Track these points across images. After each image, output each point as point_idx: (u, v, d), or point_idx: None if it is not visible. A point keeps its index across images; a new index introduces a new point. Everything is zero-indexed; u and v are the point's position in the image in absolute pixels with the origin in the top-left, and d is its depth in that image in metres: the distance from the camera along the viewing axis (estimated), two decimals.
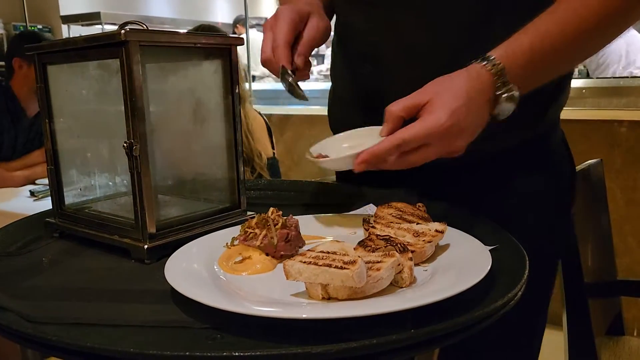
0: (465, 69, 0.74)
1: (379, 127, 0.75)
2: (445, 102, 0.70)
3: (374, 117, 0.79)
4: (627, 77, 3.28)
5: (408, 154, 0.71)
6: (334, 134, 1.04)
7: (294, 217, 0.75)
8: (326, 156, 0.83)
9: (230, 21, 6.33)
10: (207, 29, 2.39)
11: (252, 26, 5.37)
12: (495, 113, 0.74)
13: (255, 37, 4.81)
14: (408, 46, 0.89)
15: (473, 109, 0.71)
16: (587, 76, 3.57)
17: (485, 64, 0.73)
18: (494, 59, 0.73)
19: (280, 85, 0.85)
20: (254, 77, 4.44)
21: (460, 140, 0.72)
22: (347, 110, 1.06)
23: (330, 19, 0.97)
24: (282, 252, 0.70)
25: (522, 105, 0.79)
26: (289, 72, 0.82)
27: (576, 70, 3.89)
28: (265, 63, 0.85)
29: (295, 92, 0.83)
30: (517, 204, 0.94)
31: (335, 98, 1.12)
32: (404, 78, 0.89)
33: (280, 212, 0.75)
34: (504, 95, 0.73)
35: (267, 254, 0.70)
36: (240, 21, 5.63)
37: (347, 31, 1.01)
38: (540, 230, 0.84)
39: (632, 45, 3.47)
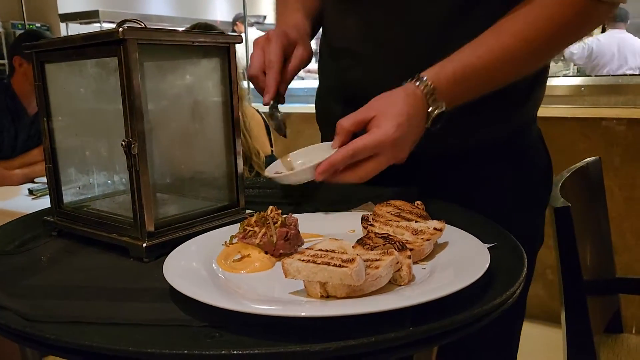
0: (402, 87, 0.82)
1: (328, 143, 0.84)
2: (391, 117, 0.78)
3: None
4: (626, 75, 3.28)
5: (360, 163, 0.79)
6: (320, 127, 1.15)
7: (293, 215, 0.75)
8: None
9: (230, 19, 6.33)
10: (203, 27, 2.38)
11: (251, 24, 5.37)
12: (428, 126, 0.83)
13: (254, 36, 4.80)
14: (388, 45, 0.93)
15: (413, 122, 0.80)
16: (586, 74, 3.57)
17: (418, 84, 0.81)
18: (426, 79, 0.81)
19: None
20: None
21: (404, 150, 0.81)
22: (332, 105, 1.09)
23: (317, 29, 1.08)
24: (281, 251, 0.70)
25: (497, 101, 0.86)
26: (278, 108, 0.92)
27: (575, 68, 3.89)
28: (252, 78, 0.93)
29: (280, 130, 0.95)
30: (495, 198, 0.95)
31: (321, 92, 1.15)
32: (384, 75, 0.93)
33: (280, 211, 0.75)
34: (435, 112, 0.81)
35: (266, 252, 0.70)
36: (239, 19, 5.62)
37: (333, 30, 1.04)
38: (517, 224, 0.86)
39: (622, 45, 3.48)
